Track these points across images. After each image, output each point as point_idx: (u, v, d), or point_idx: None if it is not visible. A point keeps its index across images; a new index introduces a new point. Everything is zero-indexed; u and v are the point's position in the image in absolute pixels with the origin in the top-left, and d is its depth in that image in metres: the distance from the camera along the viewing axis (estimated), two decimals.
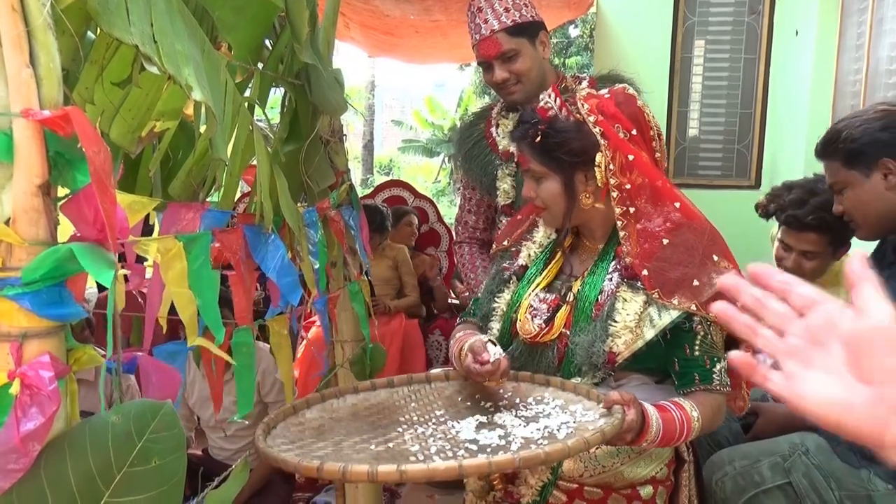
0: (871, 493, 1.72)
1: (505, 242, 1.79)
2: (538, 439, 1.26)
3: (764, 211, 2.32)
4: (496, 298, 1.69)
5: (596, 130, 1.49)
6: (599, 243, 1.61)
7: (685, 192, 2.66)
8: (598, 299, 1.51)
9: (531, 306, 1.59)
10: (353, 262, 2.09)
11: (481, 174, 2.45)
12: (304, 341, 3.68)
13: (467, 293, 4.53)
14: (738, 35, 4.38)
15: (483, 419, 1.39)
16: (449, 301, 4.58)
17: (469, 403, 1.49)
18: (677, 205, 1.51)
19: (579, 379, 1.49)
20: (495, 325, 1.66)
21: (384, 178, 17.12)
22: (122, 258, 1.13)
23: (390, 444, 1.28)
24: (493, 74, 2.23)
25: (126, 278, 1.15)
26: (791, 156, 3.99)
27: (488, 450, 1.24)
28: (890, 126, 1.74)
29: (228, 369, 1.50)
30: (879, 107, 1.82)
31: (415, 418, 1.43)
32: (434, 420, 1.41)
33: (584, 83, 2.19)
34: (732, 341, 1.52)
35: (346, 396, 1.52)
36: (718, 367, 1.48)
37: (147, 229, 1.70)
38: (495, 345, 1.51)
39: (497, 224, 2.49)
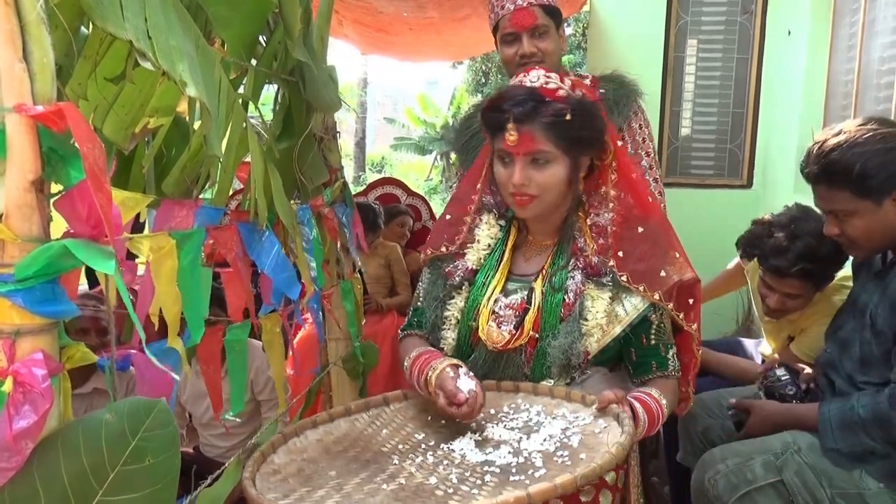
0: (863, 492, 1.73)
1: (444, 249, 1.68)
2: (556, 451, 1.23)
3: (744, 253, 2.31)
4: (447, 306, 1.61)
5: None
6: (549, 239, 1.58)
7: (677, 191, 2.67)
8: (564, 299, 1.49)
9: (495, 313, 1.53)
10: (346, 260, 2.09)
11: None
12: (297, 339, 3.67)
13: None
14: (730, 35, 4.39)
15: (477, 437, 1.33)
16: None
17: (443, 422, 1.42)
18: (650, 198, 1.54)
19: (550, 381, 1.48)
20: (450, 335, 1.59)
21: (376, 176, 17.11)
22: None
23: (401, 480, 1.19)
24: (521, 46, 2.19)
25: None
26: (783, 155, 4.01)
27: (513, 470, 1.18)
28: None
29: (222, 367, 1.49)
30: (879, 130, 1.74)
31: (400, 446, 1.35)
32: (423, 445, 1.34)
33: (587, 81, 2.20)
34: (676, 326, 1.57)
35: (307, 433, 1.42)
36: (671, 353, 1.53)
37: (138, 227, 1.69)
38: (460, 367, 1.43)
39: None
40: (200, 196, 1.52)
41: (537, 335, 1.49)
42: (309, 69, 1.66)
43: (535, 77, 1.48)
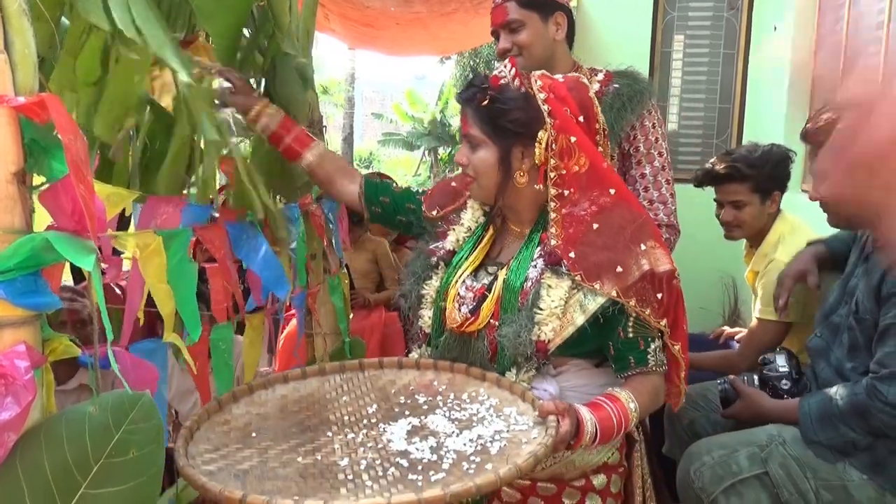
0: (847, 484, 1.74)
1: (434, 213, 1.73)
2: (470, 455, 1.21)
3: (696, 181, 2.56)
4: (424, 285, 1.64)
5: (544, 108, 1.46)
6: (526, 228, 1.56)
7: None
8: (523, 287, 1.46)
9: (458, 294, 1.55)
10: (332, 256, 2.09)
11: None
12: (284, 333, 3.66)
13: None
14: (717, 30, 4.40)
15: (416, 422, 1.34)
16: None
17: (402, 398, 1.44)
18: (612, 191, 1.47)
19: (515, 371, 1.46)
20: (426, 313, 1.62)
21: (365, 171, 17.04)
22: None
23: (318, 456, 1.23)
24: (499, 43, 2.21)
25: (102, 271, 1.14)
26: None
27: (419, 467, 1.19)
28: None
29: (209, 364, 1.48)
30: None
31: (345, 418, 1.36)
32: (365, 422, 1.35)
33: (601, 75, 2.18)
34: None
35: (276, 387, 1.46)
36: (653, 346, 1.47)
37: (123, 222, 1.68)
38: None
39: None
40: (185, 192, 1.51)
41: (496, 322, 1.48)
42: (282, 65, 1.65)
43: (497, 66, 1.56)
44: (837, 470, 1.76)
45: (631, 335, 1.45)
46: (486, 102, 1.46)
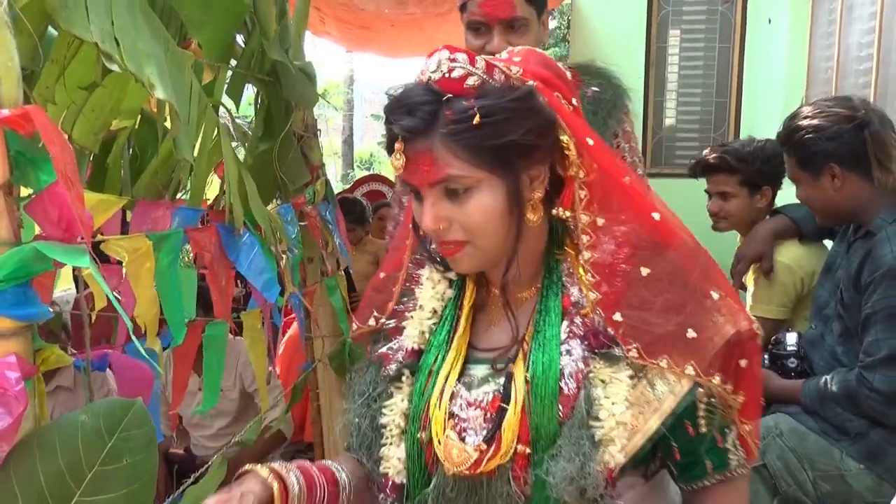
0: (844, 473, 1.75)
1: (372, 322, 1.15)
2: None
3: (692, 173, 2.56)
4: (384, 411, 1.07)
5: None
6: (525, 290, 1.05)
7: (663, 181, 2.65)
8: (561, 389, 0.96)
9: (454, 416, 1.01)
10: (329, 258, 2.10)
11: None
12: (285, 337, 3.67)
13: None
14: (712, 24, 4.40)
15: None
16: None
17: None
18: (656, 216, 1.00)
19: None
20: (394, 454, 1.06)
21: (364, 173, 17.06)
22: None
23: None
24: (490, 41, 1.77)
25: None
26: None
27: None
28: (838, 135, 1.82)
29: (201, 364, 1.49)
30: (832, 109, 1.87)
31: None
32: None
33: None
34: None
35: None
36: (730, 438, 1.00)
37: (125, 231, 1.69)
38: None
39: None
40: (179, 198, 1.52)
41: (528, 449, 0.96)
42: (284, 67, 1.66)
43: (433, 65, 0.93)
44: (834, 459, 1.77)
45: (704, 429, 0.97)
46: (477, 122, 0.91)
